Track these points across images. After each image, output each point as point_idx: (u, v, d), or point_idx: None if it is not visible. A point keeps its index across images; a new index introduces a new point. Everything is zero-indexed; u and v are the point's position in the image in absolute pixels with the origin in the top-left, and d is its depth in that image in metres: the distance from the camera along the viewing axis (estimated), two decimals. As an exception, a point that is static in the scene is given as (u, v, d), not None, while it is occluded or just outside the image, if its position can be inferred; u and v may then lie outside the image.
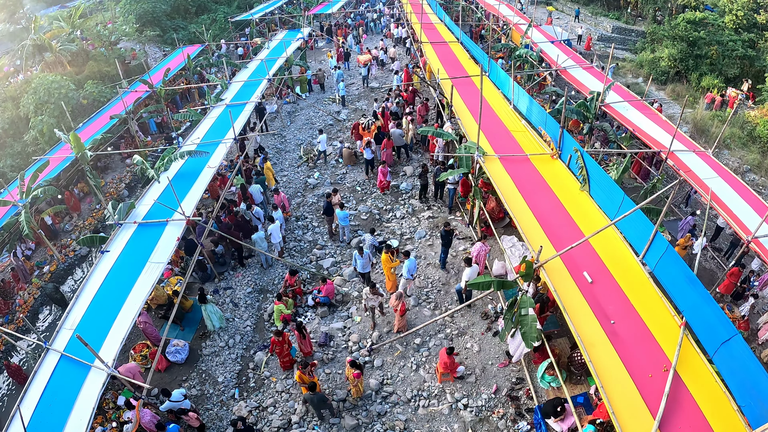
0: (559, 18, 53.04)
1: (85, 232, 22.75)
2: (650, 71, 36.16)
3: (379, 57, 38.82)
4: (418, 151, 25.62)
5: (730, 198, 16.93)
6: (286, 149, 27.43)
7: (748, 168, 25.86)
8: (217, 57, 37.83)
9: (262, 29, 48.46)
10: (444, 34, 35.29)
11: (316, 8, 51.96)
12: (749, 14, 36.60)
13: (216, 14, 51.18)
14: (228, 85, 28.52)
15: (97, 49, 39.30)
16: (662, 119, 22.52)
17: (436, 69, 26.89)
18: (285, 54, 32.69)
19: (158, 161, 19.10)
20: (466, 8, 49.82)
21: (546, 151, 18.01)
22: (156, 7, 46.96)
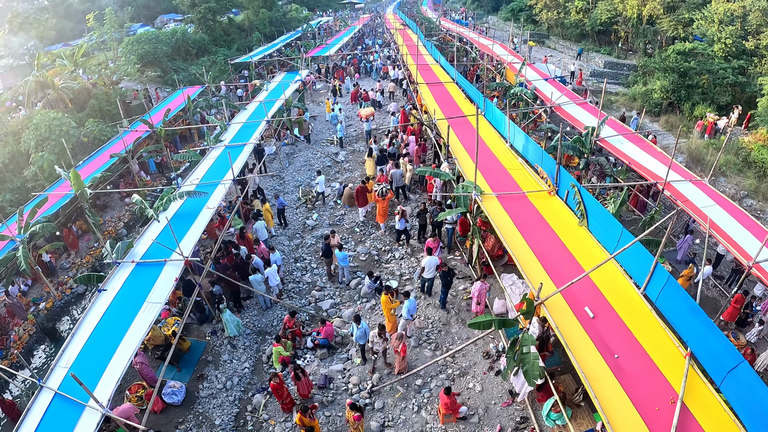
0: (551, 56, 54.07)
1: (82, 270, 22.75)
2: (643, 104, 36.78)
3: (376, 99, 39.33)
4: (416, 191, 25.74)
5: (729, 225, 16.95)
6: (284, 191, 27.51)
7: (745, 193, 26.07)
8: (216, 98, 38.34)
9: (261, 71, 49.34)
10: (440, 74, 35.88)
11: (313, 51, 53.09)
12: (738, 41, 37.17)
13: (216, 56, 52.36)
14: (227, 127, 28.81)
15: (98, 88, 39.85)
16: (657, 150, 22.72)
17: (432, 109, 27.22)
18: (283, 96, 33.14)
19: (157, 201, 19.14)
20: (460, 49, 50.79)
21: (543, 187, 18.08)
22: (157, 49, 47.97)
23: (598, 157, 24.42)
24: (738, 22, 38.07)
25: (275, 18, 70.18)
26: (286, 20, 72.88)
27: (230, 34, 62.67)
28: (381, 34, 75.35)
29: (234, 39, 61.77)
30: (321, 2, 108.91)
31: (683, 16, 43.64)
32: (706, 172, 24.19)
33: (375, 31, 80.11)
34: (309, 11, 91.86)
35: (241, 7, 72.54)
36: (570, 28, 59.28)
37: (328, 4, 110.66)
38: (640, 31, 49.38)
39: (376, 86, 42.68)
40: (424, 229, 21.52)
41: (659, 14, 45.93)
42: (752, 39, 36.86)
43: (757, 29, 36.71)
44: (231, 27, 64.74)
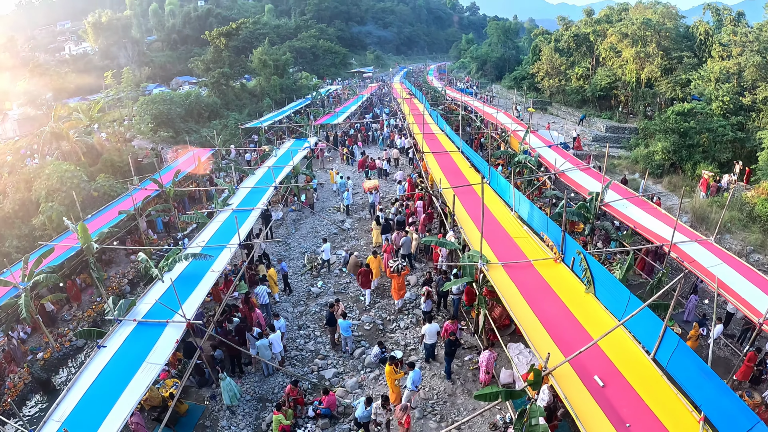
0: (554, 122, 55.12)
1: (83, 324, 22.53)
2: (646, 166, 37.09)
3: (383, 167, 39.90)
4: (422, 260, 25.68)
5: (737, 282, 16.81)
6: (290, 257, 27.49)
7: (752, 248, 25.96)
8: (226, 162, 38.88)
9: (270, 137, 50.32)
10: (445, 143, 36.54)
11: (322, 118, 54.14)
12: (735, 98, 37.82)
13: (227, 120, 53.38)
14: (235, 191, 29.04)
15: (111, 144, 40.61)
16: (662, 212, 22.84)
17: (438, 179, 27.48)
18: (292, 162, 33.54)
19: (162, 261, 19.16)
20: (465, 117, 51.76)
21: (549, 255, 18.03)
22: (171, 110, 49.28)
23: (603, 222, 24.48)
24: (734, 79, 39.12)
25: (286, 85, 72.11)
26: (297, 87, 74.84)
27: (242, 99, 64.25)
28: (388, 103, 76.92)
29: (245, 104, 63.27)
30: (330, 71, 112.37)
31: (680, 77, 44.95)
32: (711, 230, 24.15)
33: (382, 100, 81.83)
34: (318, 79, 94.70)
35: (253, 73, 75.03)
36: (571, 94, 60.84)
37: (338, 73, 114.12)
38: (639, 94, 50.73)
39: (383, 155, 43.36)
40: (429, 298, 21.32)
41: (657, 77, 47.27)
42: (749, 94, 37.57)
43: (753, 84, 37.53)
44: (243, 92, 66.42)
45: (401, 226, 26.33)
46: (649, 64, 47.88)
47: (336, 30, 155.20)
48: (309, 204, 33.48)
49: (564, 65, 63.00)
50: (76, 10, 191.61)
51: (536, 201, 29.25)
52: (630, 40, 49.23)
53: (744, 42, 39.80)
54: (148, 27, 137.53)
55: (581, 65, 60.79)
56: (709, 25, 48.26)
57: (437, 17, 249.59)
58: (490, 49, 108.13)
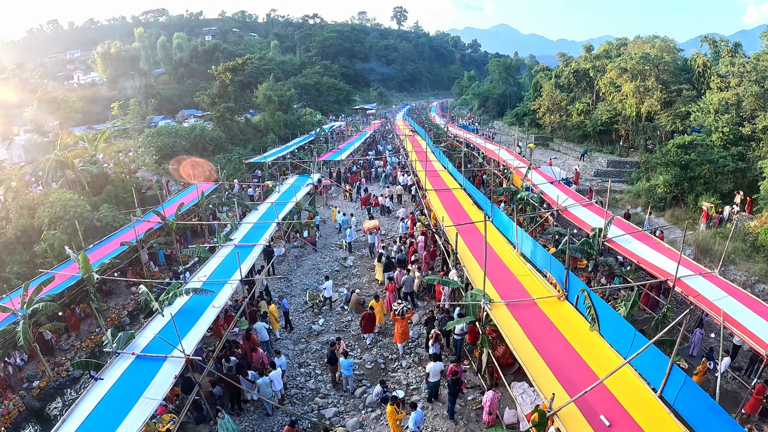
0: (556, 158, 55.42)
1: (81, 354, 22.36)
2: (648, 200, 37.16)
3: (385, 204, 40.00)
4: (424, 298, 25.52)
5: (743, 315, 16.77)
6: (291, 293, 27.33)
7: (756, 279, 25.74)
8: (229, 196, 39.04)
9: (273, 172, 50.50)
10: (447, 180, 36.70)
11: (326, 155, 54.74)
12: (734, 128, 37.96)
13: (231, 154, 53.86)
14: (238, 226, 29.05)
15: (116, 175, 40.87)
16: (665, 246, 22.78)
17: (440, 217, 27.46)
18: (295, 198, 33.65)
19: (163, 294, 19.03)
20: (468, 154, 52.00)
21: (552, 293, 17.92)
22: (176, 143, 49.98)
23: (607, 258, 24.40)
24: (733, 110, 39.36)
25: (290, 121, 72.99)
26: (300, 123, 75.74)
27: (246, 134, 65.00)
28: (391, 140, 77.60)
29: (250, 139, 64.01)
30: (334, 107, 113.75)
31: (680, 110, 45.35)
32: (715, 262, 24.03)
33: (386, 137, 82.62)
34: (322, 115, 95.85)
35: (258, 108, 75.99)
36: (572, 130, 61.26)
37: (341, 109, 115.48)
38: (639, 128, 51.07)
39: (386, 192, 43.55)
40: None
41: (657, 110, 47.67)
42: (748, 124, 37.70)
43: (752, 114, 37.73)
44: (247, 127, 67.30)
45: (403, 264, 26.24)
46: (648, 97, 48.33)
47: (340, 67, 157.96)
48: (311, 241, 33.36)
49: (565, 101, 63.60)
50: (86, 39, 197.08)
51: (539, 238, 29.18)
52: (629, 75, 49.80)
53: (742, 72, 40.17)
54: (156, 59, 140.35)
55: (582, 101, 61.36)
56: (706, 57, 48.80)
57: (439, 54, 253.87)
58: (491, 86, 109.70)
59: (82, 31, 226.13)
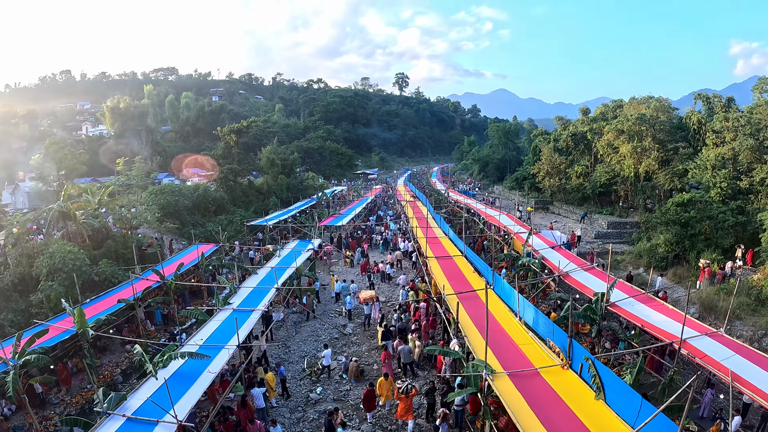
0: (556, 221, 55.68)
1: (70, 410, 21.67)
2: (649, 260, 36.99)
3: (386, 271, 39.85)
4: (425, 367, 25.07)
5: (751, 372, 16.57)
6: (289, 360, 26.89)
7: (763, 333, 25.38)
8: (229, 259, 38.90)
9: (275, 236, 50.80)
10: (448, 247, 36.82)
11: (327, 220, 54.90)
12: (732, 183, 38.27)
13: (233, 216, 54.37)
14: (237, 289, 28.85)
15: (117, 230, 40.85)
16: (669, 308, 22.68)
17: (441, 285, 27.29)
18: (295, 264, 33.64)
19: (158, 356, 18.79)
20: (468, 220, 52.34)
21: (556, 362, 17.66)
22: (179, 201, 50.10)
23: (610, 323, 24.15)
24: (730, 165, 39.94)
25: (292, 184, 73.86)
26: (303, 187, 76.72)
27: (249, 196, 65.66)
28: (392, 205, 78.22)
29: (252, 201, 64.63)
30: (336, 171, 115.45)
31: (677, 168, 45.94)
32: (720, 319, 23.76)
33: (387, 202, 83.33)
34: (324, 179, 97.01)
35: (261, 171, 77.16)
36: (572, 192, 61.94)
37: (343, 174, 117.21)
38: (638, 188, 51.70)
39: (387, 258, 43.43)
40: (432, 408, 20.56)
41: (655, 169, 48.35)
42: (745, 178, 38.16)
43: (749, 167, 38.27)
44: (250, 189, 67.98)
45: (404, 333, 25.94)
46: (646, 157, 49.09)
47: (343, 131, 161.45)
48: (309, 308, 32.83)
49: (564, 164, 64.56)
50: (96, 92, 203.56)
51: (541, 304, 28.96)
52: (626, 136, 50.69)
53: (736, 127, 41.05)
54: (164, 117, 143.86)
55: (580, 163, 62.38)
56: (700, 114, 49.90)
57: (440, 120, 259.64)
58: (491, 151, 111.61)
59: (93, 84, 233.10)
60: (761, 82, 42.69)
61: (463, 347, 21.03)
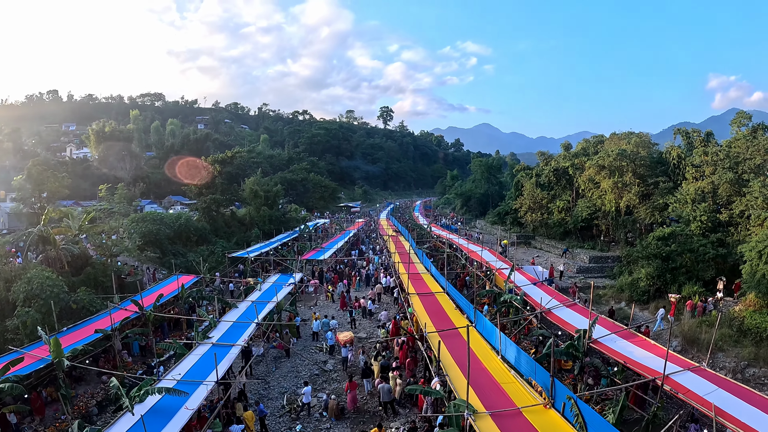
0: (538, 256, 55.86)
1: None
2: (631, 294, 37.16)
3: (367, 307, 39.35)
4: (406, 405, 24.56)
5: (734, 406, 16.67)
6: (268, 396, 26.28)
7: (746, 363, 25.54)
8: (210, 290, 38.25)
9: (256, 268, 50.13)
10: (430, 284, 36.54)
11: (309, 253, 54.34)
12: (712, 216, 38.76)
13: (215, 247, 53.64)
14: (217, 323, 28.38)
15: (97, 258, 40.00)
16: (651, 343, 22.78)
17: (423, 322, 26.97)
18: (276, 299, 33.27)
19: (135, 390, 18.26)
20: (450, 255, 52.00)
21: (538, 401, 17.44)
22: (160, 230, 49.30)
23: (593, 359, 24.05)
24: (709, 198, 40.51)
25: (275, 216, 73.30)
26: (285, 220, 76.14)
27: (231, 227, 65.03)
28: (375, 239, 77.85)
29: (234, 232, 63.91)
30: (319, 204, 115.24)
31: (658, 202, 46.59)
32: (702, 351, 23.85)
33: (370, 236, 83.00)
34: (307, 212, 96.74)
35: (244, 202, 76.64)
36: (554, 227, 62.43)
37: (326, 206, 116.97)
38: (619, 222, 52.20)
39: (369, 293, 43.01)
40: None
41: (635, 204, 48.94)
42: (725, 210, 38.79)
43: (728, 200, 38.93)
44: (233, 220, 67.40)
45: (386, 370, 25.51)
46: (626, 192, 49.72)
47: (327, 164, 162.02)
48: (285, 348, 31.73)
49: (545, 199, 65.21)
50: (82, 114, 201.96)
51: (523, 340, 28.79)
52: (607, 171, 51.38)
53: (715, 161, 41.88)
54: (149, 143, 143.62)
55: (562, 198, 63.00)
56: (680, 149, 50.72)
57: (424, 153, 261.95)
58: (474, 186, 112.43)
59: (80, 106, 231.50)
60: (739, 116, 43.73)
61: (444, 386, 20.73)
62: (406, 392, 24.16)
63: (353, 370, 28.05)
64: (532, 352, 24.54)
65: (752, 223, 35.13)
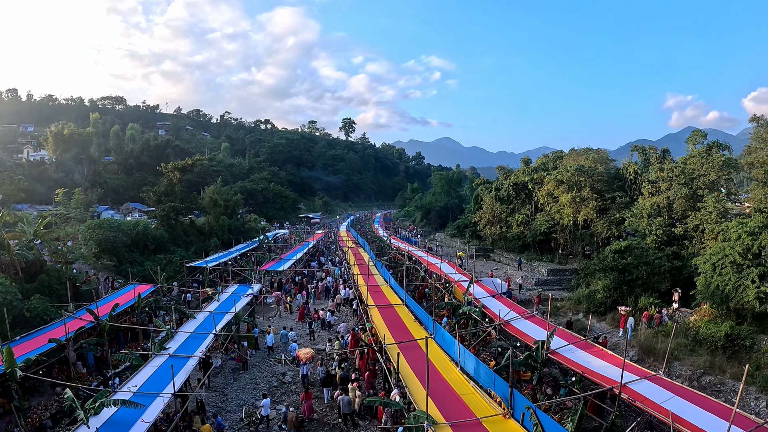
0: (497, 269, 56.41)
1: None
2: (588, 305, 37.68)
3: (326, 319, 38.86)
4: (366, 417, 24.26)
5: (691, 413, 17.05)
6: (227, 408, 25.64)
7: (702, 371, 26.08)
8: (167, 300, 37.44)
9: (214, 278, 49.16)
10: (389, 296, 36.51)
11: (268, 264, 53.71)
12: (667, 230, 39.90)
13: (173, 256, 52.42)
14: (174, 334, 27.74)
15: (52, 265, 38.67)
16: (608, 353, 23.07)
17: (382, 334, 26.82)
18: (234, 309, 32.73)
19: (90, 402, 17.67)
20: (410, 267, 51.90)
21: (498, 411, 17.44)
22: (117, 237, 47.82)
23: (551, 370, 24.25)
24: (665, 213, 41.71)
25: (234, 226, 72.48)
26: (245, 229, 75.32)
27: (190, 236, 63.83)
28: (334, 251, 77.40)
29: (193, 241, 62.79)
30: (279, 214, 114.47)
31: (615, 217, 47.75)
32: (659, 360, 24.23)
33: (329, 247, 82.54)
34: (267, 222, 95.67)
35: (203, 210, 75.31)
36: (513, 240, 63.19)
37: (286, 217, 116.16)
38: (577, 236, 53.32)
39: (328, 305, 42.57)
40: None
41: (593, 218, 50.07)
42: (680, 225, 39.98)
43: (683, 214, 40.15)
44: (191, 228, 66.13)
45: (345, 382, 25.23)
46: (584, 206, 50.82)
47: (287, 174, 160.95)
48: (242, 360, 30.96)
49: (505, 213, 66.05)
50: (41, 115, 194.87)
51: (482, 352, 28.84)
52: (566, 186, 52.43)
53: (671, 177, 43.17)
54: (108, 147, 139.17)
55: (521, 212, 63.98)
56: (637, 165, 52.17)
57: (384, 166, 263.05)
58: (434, 199, 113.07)
59: (39, 106, 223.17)
60: (695, 134, 45.16)
61: (404, 397, 20.57)
62: (365, 404, 23.93)
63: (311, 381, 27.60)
64: (492, 364, 24.60)
65: (706, 237, 36.29)
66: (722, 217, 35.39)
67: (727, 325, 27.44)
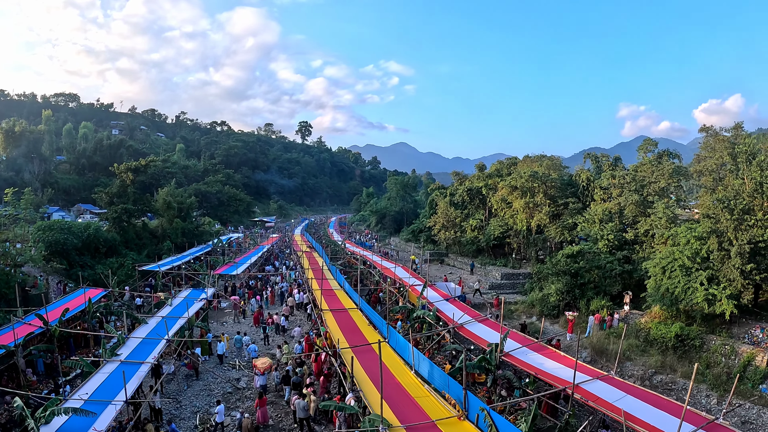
0: (451, 273, 56.93)
1: None
2: (541, 309, 38.30)
3: (280, 323, 38.45)
4: (322, 422, 24.06)
5: (643, 411, 17.54)
6: (180, 416, 25.00)
7: (653, 371, 26.81)
8: (118, 305, 36.48)
9: (167, 282, 48.06)
10: (344, 300, 36.53)
11: (222, 268, 53.00)
12: (619, 235, 40.95)
13: (125, 259, 51.15)
14: (126, 340, 26.96)
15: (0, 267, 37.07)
16: (561, 355, 23.61)
17: (336, 338, 26.70)
18: (187, 314, 32.17)
19: (40, 410, 17.09)
20: (364, 272, 51.88)
21: (452, 413, 17.62)
22: (67, 240, 46.34)
23: (505, 372, 24.53)
24: (616, 218, 42.88)
25: (188, 229, 71.26)
26: (199, 233, 73.97)
27: (142, 239, 62.28)
28: (288, 255, 76.81)
29: (145, 244, 61.33)
30: (234, 217, 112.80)
31: (567, 222, 48.76)
32: (611, 361, 24.81)
33: (284, 251, 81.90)
34: (221, 225, 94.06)
35: (156, 213, 73.48)
36: (467, 245, 63.99)
37: (240, 220, 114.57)
38: (530, 240, 54.30)
39: (283, 309, 42.03)
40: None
41: (546, 223, 51.07)
42: (630, 230, 41.17)
43: (634, 220, 41.32)
44: (144, 231, 64.53)
45: (298, 387, 25.00)
46: (538, 212, 51.75)
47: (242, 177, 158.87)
48: (194, 368, 30.04)
49: (459, 218, 66.76)
50: None
51: (436, 355, 29.00)
52: (519, 192, 53.33)
53: (622, 184, 44.48)
54: (60, 146, 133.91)
55: (475, 217, 64.78)
56: (589, 172, 53.57)
57: (340, 170, 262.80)
58: (389, 203, 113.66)
59: None
60: (646, 143, 46.81)
61: (359, 401, 20.52)
62: (320, 408, 23.77)
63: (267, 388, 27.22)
64: (447, 368, 24.82)
65: (656, 241, 37.38)
66: (672, 222, 36.48)
67: (677, 326, 28.39)
